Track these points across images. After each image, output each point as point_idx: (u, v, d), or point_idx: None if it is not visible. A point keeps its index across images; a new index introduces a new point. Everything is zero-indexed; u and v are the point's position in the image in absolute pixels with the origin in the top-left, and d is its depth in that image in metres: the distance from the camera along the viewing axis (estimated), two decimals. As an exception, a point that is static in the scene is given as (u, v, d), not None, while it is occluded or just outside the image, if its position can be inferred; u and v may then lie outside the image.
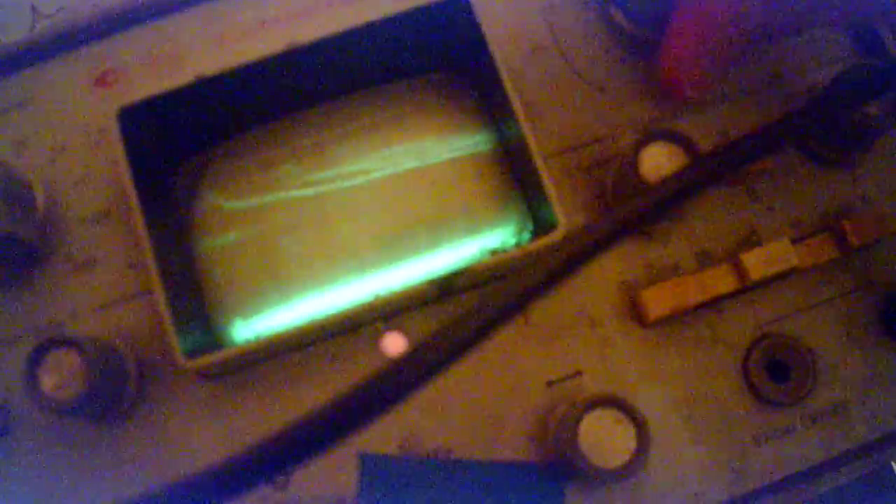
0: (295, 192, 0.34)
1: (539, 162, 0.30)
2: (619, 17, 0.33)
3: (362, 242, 0.34)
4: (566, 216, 0.29)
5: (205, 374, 0.31)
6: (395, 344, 0.31)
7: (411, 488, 0.30)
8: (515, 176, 0.34)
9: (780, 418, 0.31)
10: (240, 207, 0.34)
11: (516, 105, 0.30)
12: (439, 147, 0.35)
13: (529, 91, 0.33)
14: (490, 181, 0.34)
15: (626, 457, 0.27)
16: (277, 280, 0.33)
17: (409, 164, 0.34)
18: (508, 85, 0.30)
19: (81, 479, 0.30)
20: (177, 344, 0.29)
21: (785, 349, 0.31)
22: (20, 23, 0.34)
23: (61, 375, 0.28)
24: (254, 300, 0.33)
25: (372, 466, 0.30)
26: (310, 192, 0.34)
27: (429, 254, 0.34)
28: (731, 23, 0.28)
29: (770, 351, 0.31)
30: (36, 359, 0.28)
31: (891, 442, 0.31)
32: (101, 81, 0.34)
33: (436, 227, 0.34)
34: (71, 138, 0.34)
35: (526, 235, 0.33)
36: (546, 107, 0.33)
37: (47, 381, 0.28)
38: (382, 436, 0.30)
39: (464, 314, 0.21)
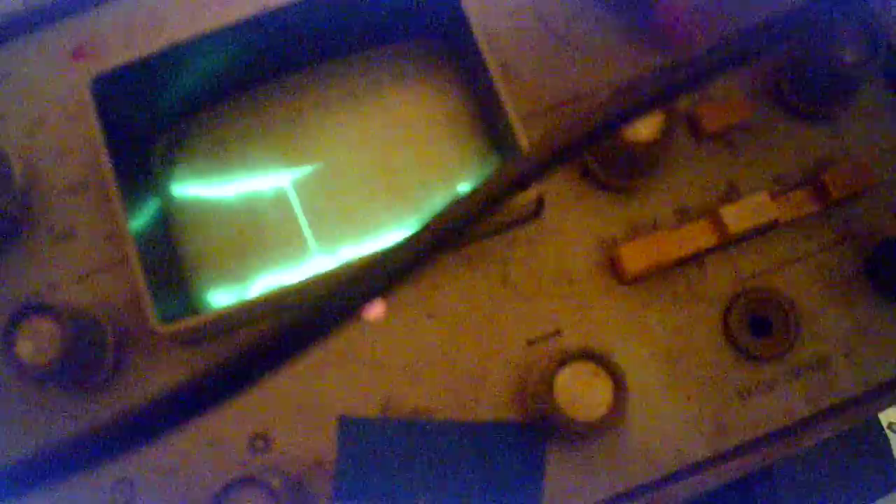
0: (273, 162, 0.34)
1: (515, 123, 0.30)
2: (594, -25, 0.33)
3: (343, 210, 0.34)
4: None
5: (184, 341, 0.31)
6: (373, 308, 0.31)
7: (391, 450, 0.30)
8: (494, 140, 0.33)
9: (762, 373, 0.30)
10: (217, 177, 0.34)
11: (491, 66, 0.30)
12: (418, 113, 0.34)
13: (507, 53, 0.33)
14: (469, 146, 0.34)
15: (604, 410, 0.27)
16: (257, 250, 0.33)
17: (388, 131, 0.34)
18: (483, 47, 0.30)
19: (59, 447, 0.30)
20: (151, 309, 0.29)
21: (766, 304, 0.31)
22: (-4, -2, 0.34)
23: (37, 342, 0.28)
24: (234, 270, 0.33)
25: (351, 429, 0.30)
26: (288, 161, 0.34)
27: (410, 220, 0.33)
28: None
29: (751, 306, 0.31)
30: (12, 326, 0.28)
31: (875, 394, 0.30)
32: (79, 54, 0.34)
33: (416, 194, 0.34)
34: (49, 111, 0.34)
35: (504, 197, 0.33)
36: (524, 68, 0.33)
37: (23, 348, 0.28)
38: (362, 399, 0.30)
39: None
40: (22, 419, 0.30)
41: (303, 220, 0.34)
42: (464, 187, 0.34)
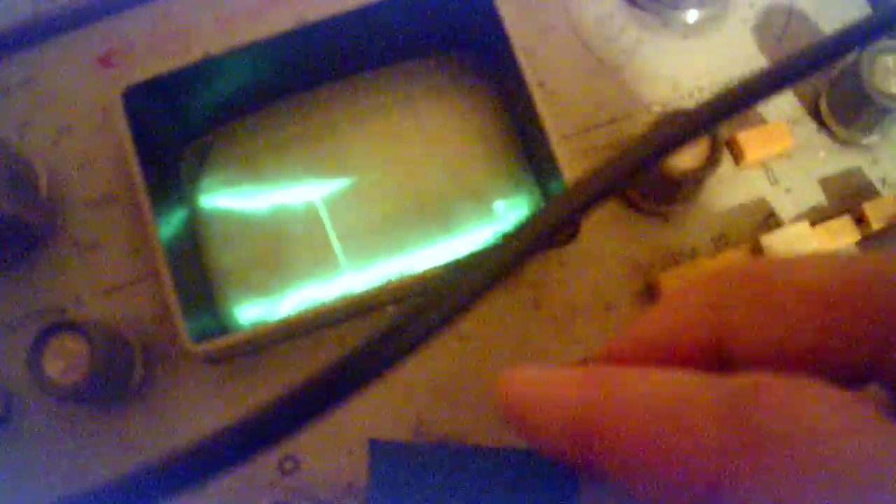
0: (303, 175, 0.34)
1: (554, 143, 0.29)
2: (635, -6, 0.33)
3: (373, 225, 0.33)
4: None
5: (212, 359, 0.30)
6: (405, 328, 0.31)
7: (423, 474, 0.30)
8: (528, 158, 0.33)
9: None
10: (247, 189, 0.33)
11: (531, 84, 0.30)
12: (451, 128, 0.34)
13: (542, 70, 0.33)
14: (503, 164, 0.33)
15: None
16: (285, 264, 0.33)
17: (421, 145, 0.34)
18: (523, 63, 0.30)
19: (85, 465, 0.30)
20: (184, 328, 0.28)
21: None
22: (23, 1, 0.34)
23: (66, 361, 0.28)
24: (261, 284, 0.33)
25: (382, 452, 0.30)
26: (319, 173, 0.34)
27: (441, 238, 0.33)
28: None
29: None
30: (40, 344, 0.28)
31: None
32: (106, 61, 0.34)
33: (448, 211, 0.33)
34: (75, 119, 0.33)
35: (539, 218, 0.33)
36: (559, 87, 0.33)
37: (52, 367, 0.28)
38: (394, 421, 0.30)
39: (458, 275, 0.19)
40: (47, 436, 0.30)
41: (332, 235, 0.33)
42: (496, 204, 0.33)
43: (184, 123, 0.33)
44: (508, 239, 0.18)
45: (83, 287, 0.31)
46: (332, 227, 0.33)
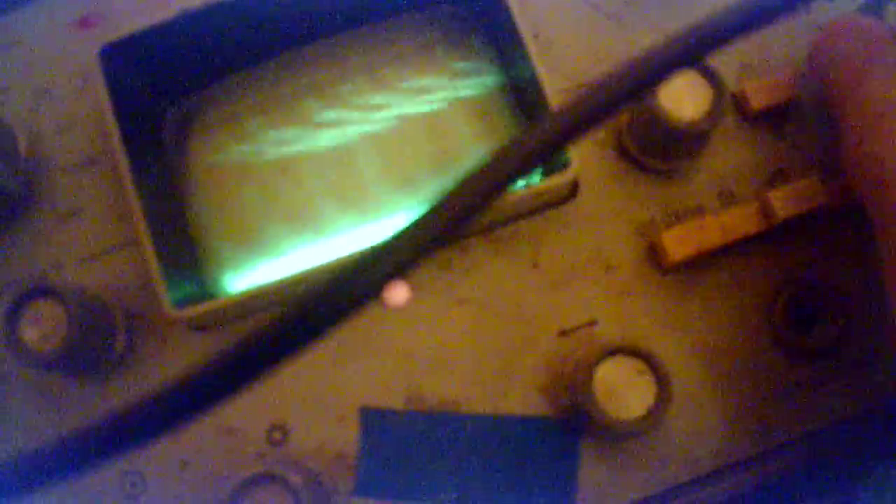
0: (289, 137, 0.32)
1: (550, 98, 0.28)
2: (634, -58, 0.31)
3: (361, 189, 0.32)
4: (578, 154, 0.28)
5: (197, 327, 0.29)
6: (398, 293, 0.29)
7: (415, 443, 0.29)
8: (525, 116, 0.32)
9: (807, 370, 0.29)
10: (232, 153, 0.32)
11: (527, 39, 0.28)
12: (444, 86, 0.33)
13: (537, 23, 0.31)
14: (498, 122, 0.32)
15: (644, 410, 0.25)
16: (272, 230, 0.32)
17: (412, 104, 0.32)
18: (516, 13, 0.28)
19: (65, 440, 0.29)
20: (165, 293, 0.27)
21: (814, 296, 0.29)
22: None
23: (43, 328, 0.27)
24: (248, 251, 0.32)
25: (374, 421, 0.29)
26: (305, 136, 0.32)
27: (429, 199, 0.32)
28: None
29: (798, 298, 0.29)
30: (16, 310, 0.27)
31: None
32: (85, 23, 0.33)
33: (440, 172, 0.32)
34: (54, 83, 0.32)
35: (535, 178, 0.31)
36: (556, 39, 0.31)
37: (28, 334, 0.27)
38: (386, 389, 0.29)
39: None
40: (25, 408, 0.29)
41: (319, 198, 0.32)
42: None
43: (165, 85, 0.32)
44: (481, 172, 0.17)
45: (64, 254, 0.30)
46: (322, 191, 0.32)
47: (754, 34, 0.18)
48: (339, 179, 0.32)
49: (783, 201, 0.28)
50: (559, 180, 0.27)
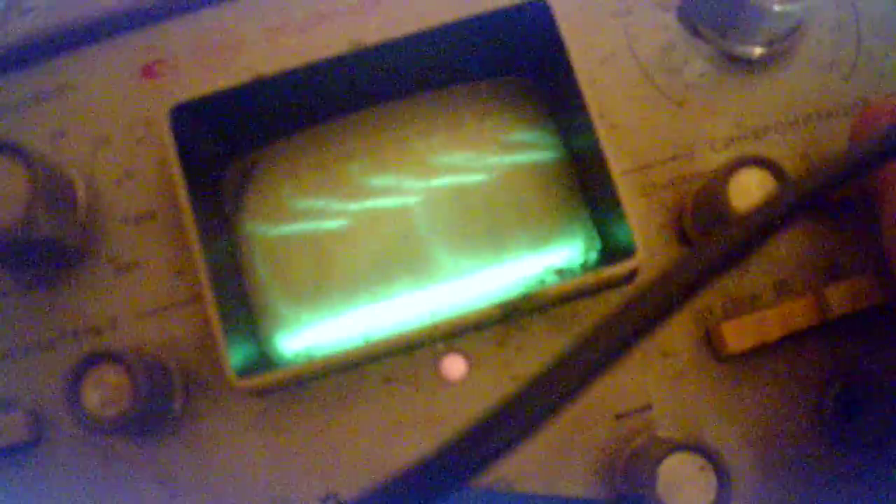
0: (348, 198, 0.32)
1: (616, 178, 0.28)
2: (702, 26, 0.32)
3: (418, 253, 0.32)
4: (642, 240, 0.28)
5: (254, 393, 0.29)
6: (455, 367, 0.30)
7: (468, 520, 0.29)
8: (584, 191, 0.32)
9: (856, 461, 0.29)
10: (290, 212, 0.32)
11: (593, 114, 0.28)
12: (502, 156, 0.33)
13: (602, 101, 0.32)
14: (555, 195, 0.32)
15: (703, 505, 0.26)
16: (328, 290, 0.32)
17: (471, 172, 0.33)
18: (586, 92, 0.28)
19: (120, 496, 0.29)
20: (228, 360, 0.27)
21: (864, 388, 0.29)
22: (63, 2, 0.32)
23: (105, 392, 0.27)
24: (303, 311, 0.32)
25: (427, 496, 0.29)
26: (364, 198, 0.32)
27: (489, 268, 0.32)
28: None
29: (848, 388, 0.29)
30: (78, 374, 0.27)
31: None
32: (149, 71, 0.32)
33: (497, 241, 0.32)
34: (114, 131, 0.32)
35: (593, 255, 0.32)
36: (619, 118, 0.32)
37: (90, 398, 0.27)
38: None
39: (547, 377, 0.18)
40: (77, 468, 0.29)
41: (375, 261, 0.32)
42: (548, 235, 0.32)
43: (229, 141, 0.32)
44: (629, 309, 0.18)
45: (120, 309, 0.30)
46: (378, 253, 0.32)
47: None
48: (395, 243, 0.32)
49: (840, 298, 0.29)
50: (624, 267, 0.28)
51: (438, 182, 0.33)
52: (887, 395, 0.29)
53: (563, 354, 0.17)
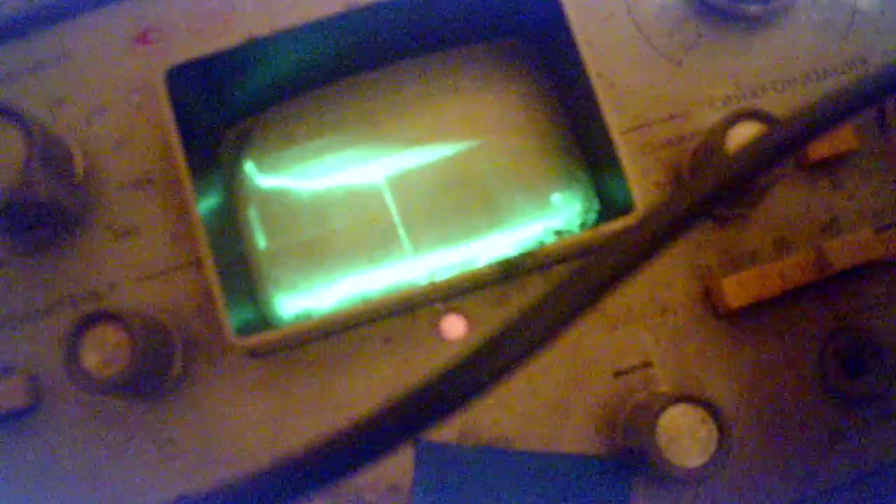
0: (346, 162, 0.32)
1: (615, 137, 0.28)
2: (698, -15, 0.31)
3: (417, 217, 0.32)
4: (641, 196, 0.28)
5: (253, 352, 0.29)
6: (454, 327, 0.30)
7: (468, 478, 0.29)
8: (583, 152, 0.32)
9: (856, 416, 0.29)
10: (287, 176, 0.32)
11: (592, 75, 0.28)
12: (500, 118, 0.33)
13: (600, 61, 0.31)
14: (553, 157, 0.32)
15: (703, 459, 0.26)
16: (326, 253, 0.32)
17: (469, 135, 0.33)
18: (584, 53, 0.28)
19: (119, 460, 0.29)
20: (227, 321, 0.27)
21: (864, 344, 0.29)
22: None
23: (104, 352, 0.27)
24: (302, 273, 0.32)
25: (428, 454, 0.29)
26: (362, 162, 0.32)
27: (488, 231, 0.32)
28: None
29: (848, 345, 0.29)
30: (77, 334, 0.27)
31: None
32: (143, 38, 0.32)
33: (495, 204, 0.32)
34: (111, 98, 0.32)
35: (592, 216, 0.32)
36: (617, 78, 0.31)
37: (90, 359, 0.27)
38: (440, 423, 0.29)
39: (532, 313, 0.18)
40: (76, 431, 0.29)
41: (372, 225, 0.32)
42: (548, 198, 0.32)
43: (224, 106, 0.32)
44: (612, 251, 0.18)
45: (118, 273, 0.30)
46: (377, 217, 0.32)
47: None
48: (394, 206, 0.32)
49: (839, 252, 0.29)
50: (623, 224, 0.28)
51: (436, 145, 0.33)
52: (886, 350, 0.29)
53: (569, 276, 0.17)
